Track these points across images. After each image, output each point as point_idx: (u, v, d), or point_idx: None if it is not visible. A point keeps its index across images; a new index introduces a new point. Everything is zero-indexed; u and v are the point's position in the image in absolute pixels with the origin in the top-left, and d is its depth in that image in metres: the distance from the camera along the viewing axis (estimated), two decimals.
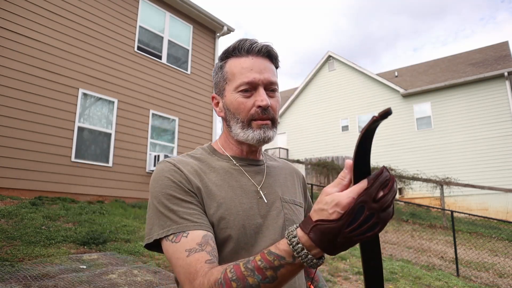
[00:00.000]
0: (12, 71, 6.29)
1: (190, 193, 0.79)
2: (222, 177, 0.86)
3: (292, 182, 1.03)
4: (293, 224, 0.87)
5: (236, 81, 0.86)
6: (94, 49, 7.61)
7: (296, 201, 0.97)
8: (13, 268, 3.37)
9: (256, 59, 0.88)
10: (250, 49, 0.88)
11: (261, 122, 0.86)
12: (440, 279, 5.40)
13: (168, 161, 0.85)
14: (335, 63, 18.88)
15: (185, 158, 0.89)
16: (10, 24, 6.34)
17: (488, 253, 7.74)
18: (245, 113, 0.86)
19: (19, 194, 6.13)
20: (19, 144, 6.22)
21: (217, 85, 0.93)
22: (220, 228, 0.79)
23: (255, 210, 0.85)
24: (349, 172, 0.58)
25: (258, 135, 0.86)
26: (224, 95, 0.90)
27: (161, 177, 0.80)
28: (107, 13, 7.94)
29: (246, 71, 0.86)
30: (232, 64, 0.88)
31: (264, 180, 0.92)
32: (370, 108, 17.17)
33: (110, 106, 7.74)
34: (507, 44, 16.60)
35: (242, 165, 0.92)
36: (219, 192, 0.83)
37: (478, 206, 13.10)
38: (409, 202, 9.24)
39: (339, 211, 0.54)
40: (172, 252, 0.73)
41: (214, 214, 0.79)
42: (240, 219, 0.81)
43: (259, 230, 0.83)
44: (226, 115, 0.91)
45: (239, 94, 0.86)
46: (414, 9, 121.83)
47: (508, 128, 13.51)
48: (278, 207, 0.89)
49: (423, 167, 14.63)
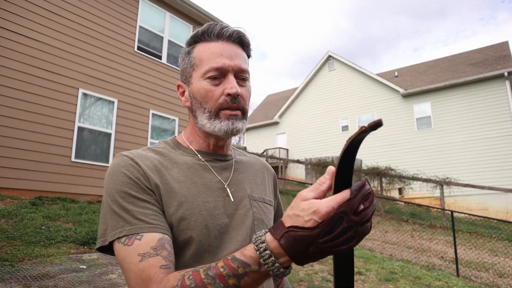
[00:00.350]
0: (12, 71, 6.28)
1: (147, 191, 0.72)
2: (185, 173, 0.80)
3: (262, 178, 0.97)
4: (262, 224, 0.84)
5: (204, 67, 0.80)
6: (94, 49, 7.60)
7: (266, 199, 0.92)
8: (13, 268, 3.37)
9: (227, 44, 0.82)
10: (221, 33, 0.81)
11: (230, 112, 0.80)
12: (440, 279, 5.40)
13: (125, 155, 0.77)
14: (335, 63, 18.88)
15: (145, 152, 0.81)
16: (10, 24, 6.34)
17: (488, 253, 7.74)
18: (213, 102, 0.80)
19: (19, 194, 6.13)
20: (19, 144, 6.22)
21: (184, 72, 0.86)
22: (181, 229, 0.72)
23: (221, 209, 0.78)
24: (330, 178, 0.54)
25: (226, 127, 0.79)
26: (190, 83, 0.83)
27: (116, 173, 0.73)
28: (107, 13, 7.94)
29: (215, 56, 0.80)
30: (201, 49, 0.82)
31: (231, 176, 0.86)
32: (370, 108, 17.17)
33: (110, 106, 7.74)
34: (507, 44, 16.60)
35: (208, 160, 0.85)
36: (180, 190, 0.76)
37: (478, 206, 13.10)
38: (409, 202, 9.24)
39: (316, 220, 0.51)
40: (124, 256, 0.66)
41: (174, 214, 0.73)
42: (203, 219, 0.75)
43: (224, 231, 0.77)
44: (192, 104, 0.84)
45: (207, 81, 0.80)
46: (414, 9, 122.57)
47: (508, 128, 13.51)
48: (246, 205, 0.83)
49: (423, 167, 14.63)
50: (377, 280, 4.97)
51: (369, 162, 15.38)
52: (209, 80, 0.79)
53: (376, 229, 9.06)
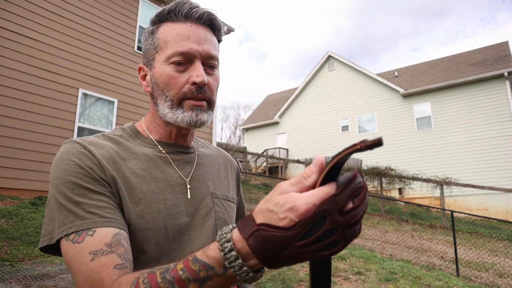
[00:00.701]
0: (12, 71, 6.29)
1: (101, 182, 0.64)
2: (144, 166, 0.72)
3: (226, 174, 0.90)
4: (224, 224, 0.78)
5: (169, 50, 0.72)
6: (94, 49, 7.61)
7: (229, 196, 0.86)
8: (13, 268, 3.37)
9: (195, 27, 0.74)
10: (189, 14, 0.73)
11: (195, 102, 0.73)
12: (440, 279, 5.40)
13: (76, 141, 0.68)
14: (335, 63, 18.89)
15: (99, 140, 0.73)
16: (10, 24, 6.34)
17: (488, 253, 7.74)
18: (176, 90, 0.72)
19: (19, 194, 6.13)
20: (19, 144, 6.22)
21: (146, 54, 0.77)
22: (138, 228, 0.65)
23: (181, 207, 0.72)
24: (317, 171, 0.44)
25: (189, 118, 0.73)
26: (153, 66, 0.75)
27: (65, 161, 0.64)
28: (107, 13, 7.95)
29: (182, 39, 0.72)
30: (166, 30, 0.74)
31: (193, 171, 0.79)
32: (370, 108, 17.18)
33: (110, 106, 7.75)
34: (507, 44, 16.60)
35: (169, 152, 0.78)
36: (139, 185, 0.69)
37: (478, 206, 13.10)
38: (409, 202, 9.23)
39: (292, 218, 0.41)
40: (73, 255, 0.57)
41: (132, 212, 0.65)
42: (162, 218, 0.68)
43: (184, 232, 0.71)
44: (154, 90, 0.76)
45: (171, 67, 0.72)
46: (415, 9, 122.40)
47: (508, 128, 13.51)
48: (208, 204, 0.77)
49: (423, 167, 14.63)
50: (377, 280, 4.98)
51: (369, 162, 15.39)
52: (173, 66, 0.72)
53: (376, 229, 9.06)
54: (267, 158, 17.85)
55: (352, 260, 5.80)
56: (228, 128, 48.53)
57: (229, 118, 52.70)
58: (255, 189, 12.82)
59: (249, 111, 41.71)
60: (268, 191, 13.00)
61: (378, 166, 13.42)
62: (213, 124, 9.92)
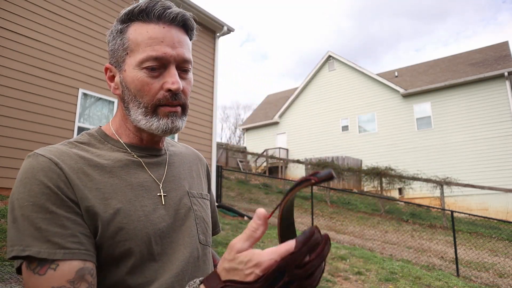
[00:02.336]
0: (12, 71, 6.29)
1: (68, 203, 0.60)
2: (118, 174, 0.69)
3: (197, 171, 0.89)
4: (203, 222, 0.79)
5: (141, 54, 0.68)
6: (94, 49, 7.61)
7: (203, 194, 0.85)
8: (13, 268, 3.37)
9: (169, 28, 0.70)
10: (163, 14, 0.69)
11: (170, 108, 0.70)
12: (440, 279, 5.40)
13: (42, 155, 0.63)
14: (335, 63, 18.89)
15: (66, 148, 0.68)
16: (10, 24, 6.34)
17: (488, 253, 7.74)
18: (150, 97, 0.69)
19: None
20: (19, 144, 6.22)
21: (114, 54, 0.72)
22: (118, 240, 0.63)
23: (160, 211, 0.70)
24: (262, 223, 0.49)
25: (165, 125, 0.70)
26: (123, 69, 0.71)
27: (31, 180, 0.60)
28: (107, 13, 7.95)
29: (155, 42, 0.68)
30: (137, 31, 0.69)
31: (166, 172, 0.77)
32: (370, 108, 17.18)
33: (110, 106, 7.75)
34: (507, 44, 16.60)
35: (141, 156, 0.75)
36: (114, 195, 0.66)
37: (478, 206, 13.10)
38: (409, 202, 9.24)
39: (257, 273, 0.46)
40: (33, 286, 0.56)
41: (109, 224, 0.63)
42: (143, 226, 0.66)
43: (166, 235, 0.70)
44: (124, 94, 0.72)
45: (144, 72, 0.68)
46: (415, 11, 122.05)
47: (508, 128, 13.51)
48: (186, 204, 0.76)
49: (423, 167, 14.63)
50: (377, 280, 4.98)
51: (369, 162, 15.39)
52: (146, 71, 0.68)
53: (376, 229, 9.06)
54: (267, 158, 17.85)
55: (352, 260, 5.80)
56: (228, 128, 48.53)
57: (229, 118, 52.72)
58: (255, 189, 12.82)
59: (249, 111, 41.71)
60: (268, 191, 12.99)
61: (378, 166, 13.42)
62: (213, 124, 9.92)
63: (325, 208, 11.18)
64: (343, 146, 17.45)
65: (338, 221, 9.59)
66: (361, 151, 16.86)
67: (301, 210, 10.35)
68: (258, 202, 10.70)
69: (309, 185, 0.46)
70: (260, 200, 11.07)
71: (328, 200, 12.09)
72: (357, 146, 17.07)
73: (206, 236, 0.80)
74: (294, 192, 0.48)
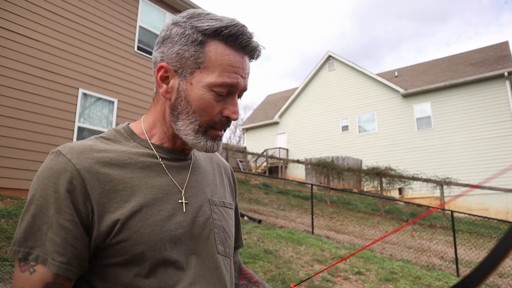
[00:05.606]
0: (12, 71, 6.29)
1: (71, 212, 0.61)
2: (139, 175, 0.69)
3: (221, 178, 0.88)
4: (222, 232, 0.77)
5: (217, 77, 0.67)
6: (94, 49, 7.61)
7: (226, 202, 0.83)
8: (13, 268, 3.37)
9: (246, 59, 0.71)
10: (247, 46, 0.70)
11: (219, 133, 0.73)
12: (440, 279, 5.40)
13: (64, 154, 0.64)
14: (335, 63, 18.89)
15: (90, 145, 0.69)
16: (10, 24, 6.34)
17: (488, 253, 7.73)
18: (208, 118, 0.70)
19: (19, 194, 6.13)
20: (19, 144, 6.22)
21: (180, 59, 0.69)
22: (131, 243, 0.63)
23: (178, 217, 0.70)
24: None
25: (210, 147, 0.72)
26: (188, 81, 0.69)
27: (45, 179, 0.62)
28: (107, 13, 7.94)
29: (233, 71, 0.68)
30: (219, 52, 0.68)
31: (189, 178, 0.76)
32: (370, 108, 17.18)
33: (110, 106, 7.74)
34: (507, 44, 16.60)
35: (166, 159, 0.74)
36: (133, 197, 0.66)
37: (478, 206, 13.10)
38: (409, 202, 9.24)
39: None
40: (14, 279, 0.61)
41: (124, 227, 0.63)
42: (158, 231, 0.66)
43: (181, 242, 0.69)
44: (178, 103, 0.71)
45: (213, 95, 0.68)
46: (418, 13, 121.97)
47: (508, 128, 13.51)
48: (206, 212, 0.75)
49: (423, 167, 14.64)
50: (377, 280, 4.98)
51: (369, 162, 15.39)
52: (215, 95, 0.69)
53: (376, 229, 9.06)
54: (267, 158, 17.84)
55: (352, 260, 5.80)
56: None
57: None
58: (255, 189, 12.82)
59: (249, 111, 41.67)
60: (268, 191, 12.99)
61: (378, 166, 13.42)
62: None
63: (325, 208, 11.18)
64: (343, 146, 17.45)
65: (338, 221, 9.58)
66: (361, 151, 16.87)
67: (301, 210, 10.35)
68: (258, 202, 10.70)
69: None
70: (260, 200, 11.07)
71: (328, 200, 12.09)
72: (357, 146, 17.07)
73: (226, 247, 0.77)
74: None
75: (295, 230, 7.40)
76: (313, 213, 8.29)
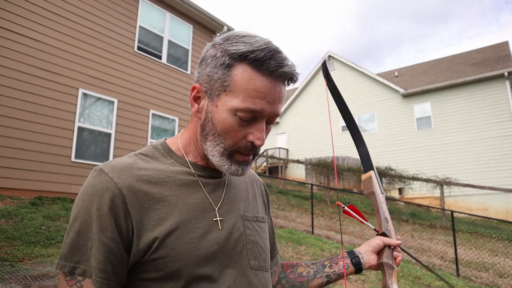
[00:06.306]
0: (12, 71, 6.29)
1: (113, 230, 0.64)
2: (177, 193, 0.71)
3: (254, 193, 0.89)
4: (256, 246, 0.78)
5: (240, 102, 0.67)
6: (94, 49, 7.60)
7: (259, 216, 0.84)
8: (13, 268, 3.37)
9: (275, 83, 0.68)
10: (276, 72, 0.67)
11: (244, 158, 0.72)
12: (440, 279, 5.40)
13: (106, 173, 0.67)
14: (335, 63, 18.89)
15: (130, 162, 0.72)
16: (10, 24, 6.34)
17: (488, 253, 7.74)
18: (232, 142, 0.70)
19: (19, 194, 6.13)
20: (19, 144, 6.22)
21: (210, 81, 0.70)
22: (168, 261, 0.65)
23: (214, 234, 0.71)
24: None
25: (235, 170, 0.72)
26: (214, 103, 0.70)
27: (89, 197, 0.65)
28: (107, 13, 7.94)
29: (258, 96, 0.67)
30: (245, 76, 0.67)
31: (224, 195, 0.78)
32: (370, 108, 17.18)
33: (110, 106, 7.74)
34: (507, 44, 16.60)
35: (201, 176, 0.76)
36: (171, 215, 0.68)
37: (478, 206, 13.10)
38: (409, 202, 9.25)
39: None
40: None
41: (162, 244, 0.65)
42: (194, 248, 0.67)
43: (215, 258, 0.70)
44: (206, 124, 0.72)
45: (236, 119, 0.68)
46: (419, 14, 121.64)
47: (508, 128, 13.51)
48: (239, 228, 0.76)
49: (423, 167, 14.63)
50: (377, 280, 4.98)
51: None
52: (238, 119, 0.68)
53: None
54: (267, 158, 17.84)
55: None
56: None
57: None
58: None
59: None
60: (268, 191, 12.99)
61: (378, 166, 13.42)
62: None
63: (325, 208, 11.18)
64: (343, 146, 17.44)
65: (338, 221, 9.59)
66: None
67: (301, 210, 10.35)
68: None
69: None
70: None
71: (328, 200, 12.09)
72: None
73: (260, 261, 0.78)
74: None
75: (295, 230, 7.40)
76: (313, 213, 8.29)
